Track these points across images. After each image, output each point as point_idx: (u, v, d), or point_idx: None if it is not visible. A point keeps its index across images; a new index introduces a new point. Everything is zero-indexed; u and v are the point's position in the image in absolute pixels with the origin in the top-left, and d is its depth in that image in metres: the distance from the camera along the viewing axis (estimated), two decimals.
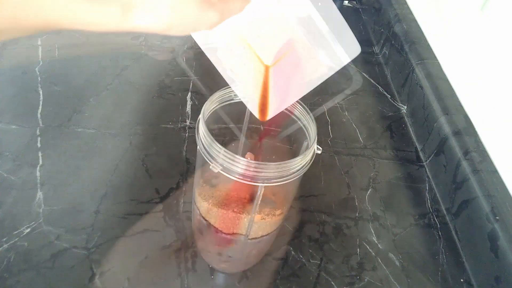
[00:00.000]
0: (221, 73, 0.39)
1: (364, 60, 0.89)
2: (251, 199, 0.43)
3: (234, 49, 0.39)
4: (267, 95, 0.40)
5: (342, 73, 0.82)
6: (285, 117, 0.42)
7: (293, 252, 0.53)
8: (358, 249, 0.55)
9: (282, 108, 0.40)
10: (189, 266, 0.49)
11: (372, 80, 0.83)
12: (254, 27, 0.38)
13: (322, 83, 0.38)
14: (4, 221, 0.50)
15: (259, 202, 0.40)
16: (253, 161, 0.38)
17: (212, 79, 0.67)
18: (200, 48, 0.37)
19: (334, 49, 0.35)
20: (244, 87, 0.40)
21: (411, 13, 0.87)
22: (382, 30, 0.91)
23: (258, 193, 0.39)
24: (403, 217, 0.60)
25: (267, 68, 0.38)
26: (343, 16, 0.33)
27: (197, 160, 0.51)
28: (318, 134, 0.43)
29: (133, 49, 0.77)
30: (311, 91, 0.38)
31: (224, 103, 0.43)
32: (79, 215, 0.52)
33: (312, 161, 0.39)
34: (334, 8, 0.33)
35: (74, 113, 0.64)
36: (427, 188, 0.65)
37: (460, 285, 0.53)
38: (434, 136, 0.67)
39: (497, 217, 0.51)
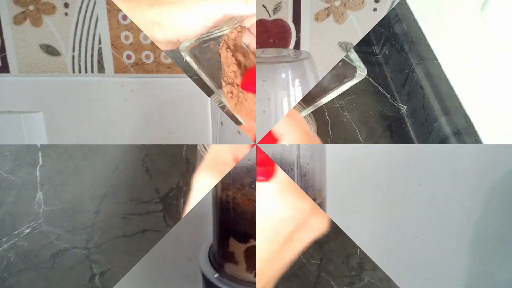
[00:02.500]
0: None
1: (364, 60, 0.89)
2: None
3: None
4: None
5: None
6: None
7: None
8: (358, 249, 0.55)
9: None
10: None
11: (372, 80, 0.83)
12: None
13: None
14: (4, 221, 0.50)
15: None
16: None
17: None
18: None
19: None
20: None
21: (411, 13, 0.87)
22: (382, 30, 0.91)
23: None
24: None
25: None
26: None
27: (197, 160, 0.51)
28: (318, 134, 0.43)
29: None
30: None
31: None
32: (79, 215, 0.52)
33: None
34: None
35: None
36: None
37: None
38: (434, 136, 0.66)
39: None
